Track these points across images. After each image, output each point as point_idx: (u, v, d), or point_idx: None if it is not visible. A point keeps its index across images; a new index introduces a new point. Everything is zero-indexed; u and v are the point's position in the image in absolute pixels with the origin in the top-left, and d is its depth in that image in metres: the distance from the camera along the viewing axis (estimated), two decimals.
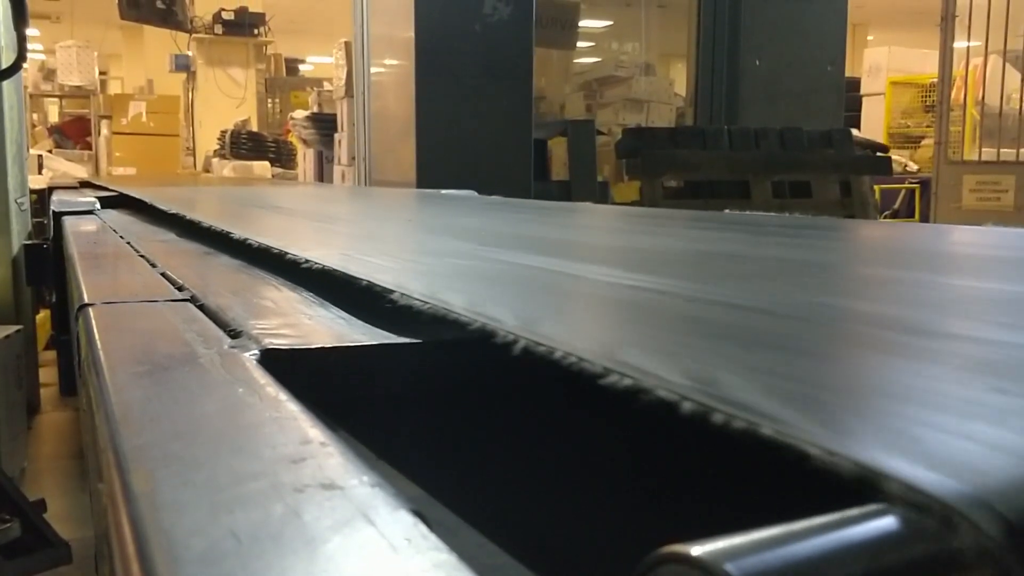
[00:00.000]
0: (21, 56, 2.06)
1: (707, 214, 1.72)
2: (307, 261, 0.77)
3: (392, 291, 0.60)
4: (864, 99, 9.16)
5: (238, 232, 1.06)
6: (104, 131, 8.97)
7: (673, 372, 0.37)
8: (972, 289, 0.73)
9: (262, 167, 7.13)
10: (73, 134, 9.22)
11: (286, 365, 0.49)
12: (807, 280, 0.78)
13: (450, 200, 2.33)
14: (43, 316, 3.65)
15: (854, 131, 8.23)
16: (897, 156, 7.44)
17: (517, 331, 0.45)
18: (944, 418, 0.32)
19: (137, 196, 2.10)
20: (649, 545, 0.24)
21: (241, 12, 8.90)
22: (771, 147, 4.62)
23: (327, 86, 6.23)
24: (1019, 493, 0.24)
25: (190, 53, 9.06)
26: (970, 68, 5.65)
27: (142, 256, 1.08)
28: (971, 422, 0.31)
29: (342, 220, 1.77)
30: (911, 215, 6.88)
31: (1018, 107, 5.25)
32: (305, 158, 6.33)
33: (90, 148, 9.00)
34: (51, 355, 3.54)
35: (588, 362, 0.39)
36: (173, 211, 1.53)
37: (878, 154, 6.83)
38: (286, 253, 0.84)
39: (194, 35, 8.92)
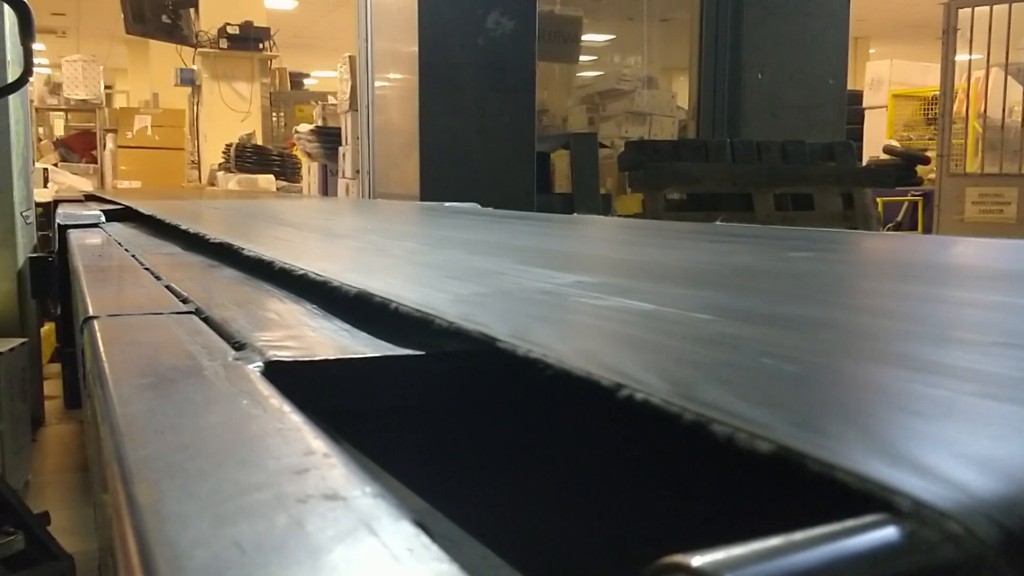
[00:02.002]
0: (28, 70, 2.08)
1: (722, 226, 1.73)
2: (311, 273, 0.78)
3: (395, 303, 0.60)
4: (866, 112, 9.18)
5: (242, 245, 1.06)
6: (109, 144, 9.01)
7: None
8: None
9: (267, 180, 7.15)
10: (78, 148, 9.26)
11: (290, 377, 0.49)
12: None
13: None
14: (48, 329, 3.66)
15: (892, 142, 8.22)
16: None
17: (519, 342, 0.46)
18: (943, 428, 0.32)
19: (142, 209, 2.11)
20: (652, 555, 0.24)
21: (246, 26, 8.94)
22: (773, 160, 4.62)
23: (331, 100, 6.26)
24: (1017, 503, 0.24)
25: (195, 67, 9.10)
26: (972, 81, 5.66)
27: (147, 269, 1.08)
28: (970, 432, 0.31)
29: (348, 235, 1.78)
30: (914, 227, 6.88)
31: (1020, 120, 5.26)
32: (309, 171, 6.35)
33: (95, 161, 9.04)
34: (56, 368, 3.54)
35: (591, 373, 0.39)
36: (178, 224, 1.53)
37: (918, 166, 6.86)
38: (290, 265, 0.85)
39: (199, 49, 8.96)
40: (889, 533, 0.24)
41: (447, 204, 2.84)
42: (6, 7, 2.41)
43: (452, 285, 0.75)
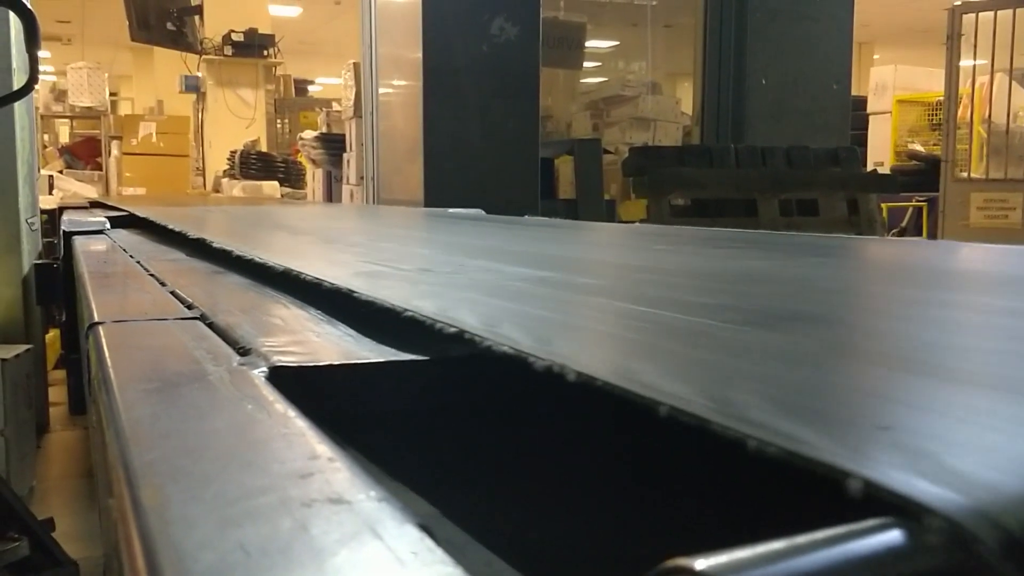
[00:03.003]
0: (33, 77, 2.08)
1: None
2: (314, 279, 0.78)
3: (398, 308, 0.60)
4: (870, 117, 9.17)
5: (246, 251, 1.06)
6: (114, 151, 9.04)
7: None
8: None
9: (271, 187, 7.16)
10: (83, 154, 9.29)
11: (294, 382, 0.49)
12: None
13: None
14: (53, 335, 3.67)
15: (917, 146, 8.14)
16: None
17: (523, 348, 0.46)
18: (945, 431, 0.32)
19: (147, 216, 2.11)
20: (658, 559, 0.24)
21: (251, 33, 8.96)
22: (778, 165, 4.62)
23: (336, 106, 6.27)
24: (1020, 506, 0.24)
25: (200, 74, 9.13)
26: (976, 86, 5.66)
27: (152, 275, 1.08)
28: (972, 435, 0.31)
29: (314, 232, 1.82)
30: (918, 233, 6.86)
31: None
32: (314, 178, 6.36)
33: (100, 168, 9.07)
34: (60, 374, 3.55)
35: (594, 378, 0.39)
36: (182, 231, 1.54)
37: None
38: (294, 271, 0.85)
39: (204, 56, 8.99)
40: (894, 536, 0.24)
41: (451, 211, 2.84)
42: (11, 15, 2.42)
43: (361, 265, 0.91)
